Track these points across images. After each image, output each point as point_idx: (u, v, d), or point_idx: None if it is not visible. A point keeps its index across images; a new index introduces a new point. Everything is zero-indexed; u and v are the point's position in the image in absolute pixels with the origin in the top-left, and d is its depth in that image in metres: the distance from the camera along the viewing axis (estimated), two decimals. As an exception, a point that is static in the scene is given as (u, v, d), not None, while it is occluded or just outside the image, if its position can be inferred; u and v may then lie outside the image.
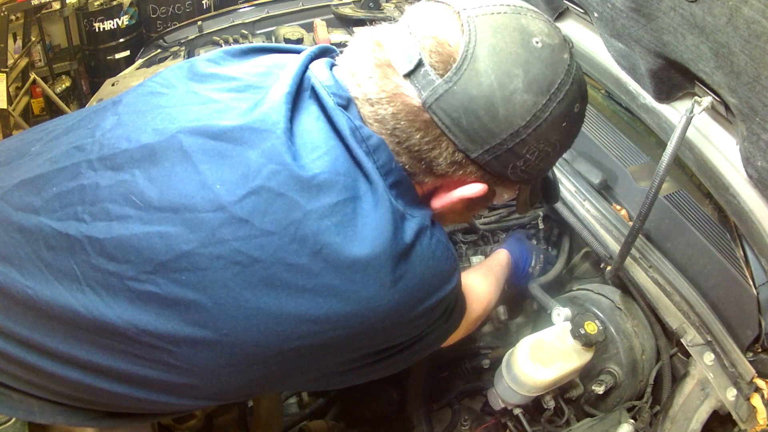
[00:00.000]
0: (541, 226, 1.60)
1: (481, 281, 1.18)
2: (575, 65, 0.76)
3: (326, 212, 0.69)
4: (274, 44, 0.99)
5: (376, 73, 0.76)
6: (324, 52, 0.89)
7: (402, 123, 0.74)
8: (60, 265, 0.71)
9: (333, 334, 0.71)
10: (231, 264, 0.67)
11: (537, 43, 0.73)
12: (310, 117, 0.76)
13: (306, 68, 0.83)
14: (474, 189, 0.79)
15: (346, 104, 0.77)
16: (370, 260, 0.69)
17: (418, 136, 0.74)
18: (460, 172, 0.77)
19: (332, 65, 0.84)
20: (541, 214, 1.60)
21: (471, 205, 0.86)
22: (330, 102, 0.76)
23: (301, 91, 0.79)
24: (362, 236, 0.69)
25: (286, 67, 0.82)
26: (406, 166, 0.77)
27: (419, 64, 0.72)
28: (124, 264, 0.69)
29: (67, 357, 0.72)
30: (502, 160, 0.75)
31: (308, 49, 0.87)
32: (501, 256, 1.36)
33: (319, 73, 0.80)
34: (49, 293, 0.71)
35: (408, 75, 0.73)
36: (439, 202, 0.83)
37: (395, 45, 0.76)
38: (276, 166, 0.70)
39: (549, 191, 0.96)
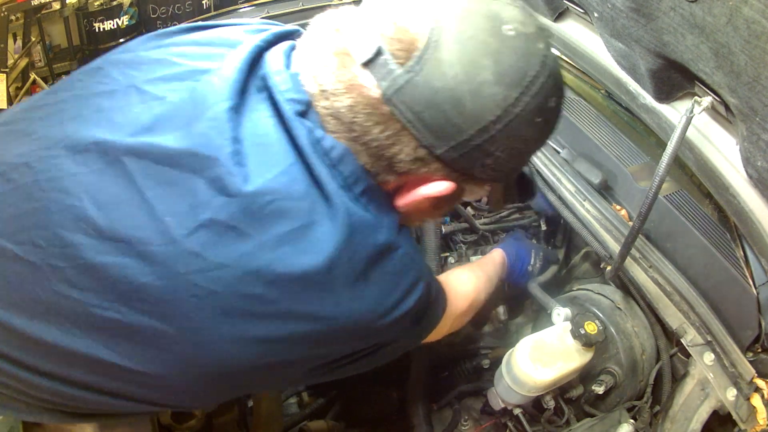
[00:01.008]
0: (543, 227, 1.60)
1: (467, 276, 1.16)
2: (551, 56, 0.70)
3: (280, 241, 0.66)
4: (214, 22, 0.90)
5: (334, 62, 0.70)
6: (284, 36, 0.82)
7: (359, 116, 0.68)
8: (27, 291, 0.69)
9: (297, 350, 0.71)
10: (189, 297, 0.65)
11: (509, 31, 0.66)
12: (265, 126, 0.70)
13: (255, 62, 0.76)
14: (440, 187, 0.74)
15: (306, 109, 0.71)
16: (327, 281, 0.67)
17: (376, 131, 0.69)
18: (424, 170, 0.72)
19: (292, 50, 0.78)
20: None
21: (438, 203, 0.80)
22: (288, 110, 0.70)
23: (249, 93, 0.73)
24: (317, 259, 0.66)
25: (230, 64, 0.74)
26: (367, 166, 0.72)
27: (378, 52, 0.66)
28: (87, 292, 0.67)
29: (64, 377, 0.71)
30: (470, 157, 0.70)
31: (258, 37, 0.79)
32: (494, 254, 1.35)
33: (275, 72, 0.74)
34: (21, 323, 0.68)
35: (366, 64, 0.67)
36: (403, 200, 0.77)
37: (354, 31, 0.69)
38: (225, 198, 0.66)
39: (525, 187, 0.93)
